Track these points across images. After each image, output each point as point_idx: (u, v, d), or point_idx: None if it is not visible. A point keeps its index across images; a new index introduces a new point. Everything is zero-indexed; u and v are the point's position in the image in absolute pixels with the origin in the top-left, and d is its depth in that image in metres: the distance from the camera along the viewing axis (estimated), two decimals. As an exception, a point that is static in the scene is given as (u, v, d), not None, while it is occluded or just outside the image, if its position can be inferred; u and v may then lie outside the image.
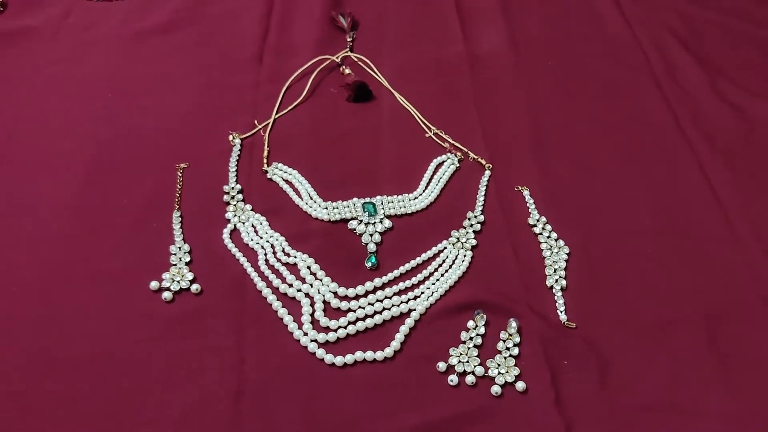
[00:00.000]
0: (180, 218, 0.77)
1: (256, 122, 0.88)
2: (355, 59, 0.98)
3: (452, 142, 0.88)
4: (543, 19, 1.08)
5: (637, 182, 0.84)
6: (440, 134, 0.88)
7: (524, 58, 1.00)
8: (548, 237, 0.78)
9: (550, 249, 0.76)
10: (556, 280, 0.74)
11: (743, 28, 1.08)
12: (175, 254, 0.73)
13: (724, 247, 0.78)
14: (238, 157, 0.84)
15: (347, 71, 0.94)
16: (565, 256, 0.76)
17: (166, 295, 0.70)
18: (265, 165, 0.83)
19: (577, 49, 1.02)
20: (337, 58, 0.96)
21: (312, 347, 0.67)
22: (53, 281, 0.71)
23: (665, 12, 1.10)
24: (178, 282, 0.71)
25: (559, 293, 0.72)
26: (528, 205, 0.81)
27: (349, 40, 1.00)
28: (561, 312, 0.71)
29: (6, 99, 0.89)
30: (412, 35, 1.03)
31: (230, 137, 0.86)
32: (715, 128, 0.91)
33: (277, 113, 0.90)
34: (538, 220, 0.79)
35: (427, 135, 0.89)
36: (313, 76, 0.94)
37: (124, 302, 0.70)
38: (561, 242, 0.77)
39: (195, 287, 0.71)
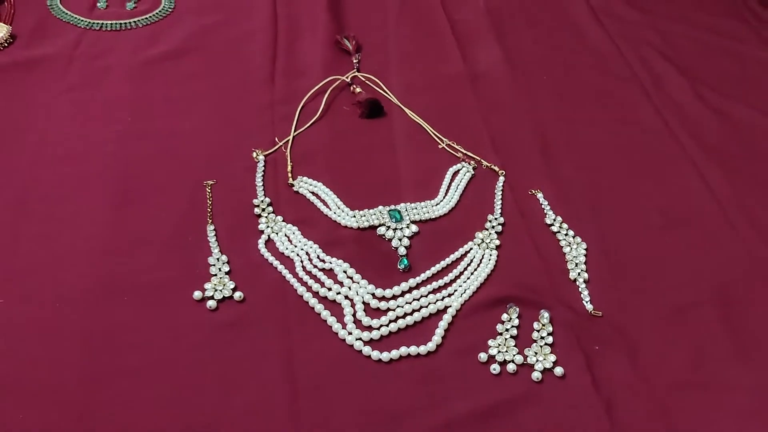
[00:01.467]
0: (214, 231, 0.79)
1: (276, 139, 0.91)
2: (363, 78, 1.02)
3: (465, 151, 0.92)
4: (532, 39, 1.15)
5: (639, 181, 0.90)
6: (452, 145, 0.93)
7: (520, 73, 1.06)
8: (566, 234, 0.82)
9: (569, 245, 0.81)
10: (579, 273, 0.78)
11: (713, 41, 1.17)
12: (214, 265, 0.76)
13: (723, 235, 0.84)
14: (263, 173, 0.87)
15: (358, 89, 0.98)
16: (584, 251, 0.80)
17: (211, 303, 0.72)
18: (290, 179, 0.86)
19: (567, 64, 1.09)
20: (347, 78, 1.01)
21: (358, 345, 0.70)
22: (97, 296, 0.71)
23: (643, 28, 1.18)
24: (221, 291, 0.73)
25: (583, 285, 0.77)
26: (543, 206, 0.86)
27: (355, 61, 1.05)
28: (587, 302, 0.75)
29: (26, 126, 0.90)
30: (413, 56, 1.09)
31: (254, 154, 0.88)
32: (702, 130, 0.99)
33: (295, 131, 0.93)
34: (554, 220, 0.84)
35: (440, 146, 0.93)
36: (326, 95, 0.98)
37: (170, 313, 0.71)
38: (578, 238, 0.82)
39: (238, 295, 0.73)
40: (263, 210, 0.82)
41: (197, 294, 0.72)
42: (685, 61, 1.11)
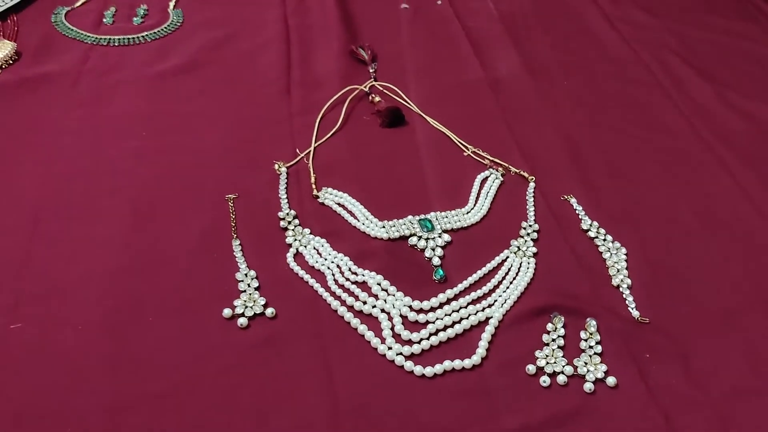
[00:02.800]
0: (240, 246, 0.76)
1: (297, 151, 0.88)
2: (381, 88, 1.00)
3: (491, 158, 0.90)
4: (549, 46, 1.13)
5: (671, 185, 0.88)
6: (478, 152, 0.90)
7: (541, 80, 1.04)
8: (604, 240, 0.79)
9: (609, 251, 0.78)
10: (622, 279, 0.75)
11: (729, 43, 1.16)
12: (242, 281, 0.72)
13: (761, 236, 0.82)
14: (286, 185, 0.84)
15: (377, 99, 0.96)
16: (624, 257, 0.78)
17: (242, 321, 0.68)
18: (315, 190, 0.83)
19: (587, 70, 1.07)
20: (365, 87, 0.98)
21: (399, 360, 0.66)
22: (121, 318, 0.68)
23: (658, 33, 1.17)
24: (251, 307, 0.69)
25: (627, 291, 0.74)
26: (577, 211, 0.83)
27: (371, 70, 1.02)
28: (632, 309, 0.72)
29: (36, 144, 0.86)
30: (430, 65, 1.07)
31: (276, 166, 0.85)
32: (729, 133, 0.97)
33: (315, 141, 0.90)
34: (591, 225, 0.81)
35: (465, 154, 0.91)
36: (345, 105, 0.95)
37: (198, 332, 0.67)
38: (617, 243, 0.79)
39: (270, 311, 0.69)
40: (289, 223, 0.79)
41: (227, 312, 0.69)
42: (705, 64, 1.10)
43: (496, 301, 0.73)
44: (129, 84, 0.97)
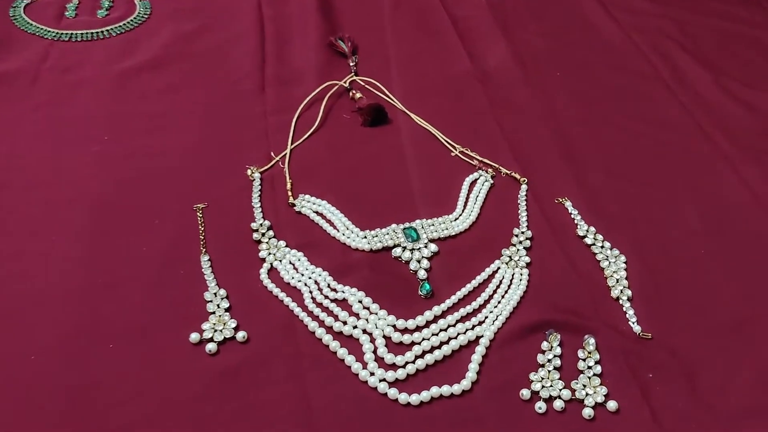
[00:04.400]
0: (209, 262, 0.70)
1: (272, 154, 0.82)
2: (362, 83, 0.93)
3: (480, 158, 0.84)
4: (540, 34, 1.07)
5: (673, 185, 0.83)
6: (466, 152, 0.85)
7: (532, 70, 0.98)
8: (602, 247, 0.74)
9: (607, 259, 0.73)
10: (621, 290, 0.70)
11: (731, 28, 1.10)
12: (211, 301, 0.66)
13: (770, 237, 0.76)
14: (260, 192, 0.78)
15: (358, 95, 0.90)
16: (624, 265, 0.72)
17: (211, 346, 0.62)
18: (291, 198, 0.77)
19: (581, 60, 1.02)
20: (344, 82, 0.92)
21: (382, 387, 0.61)
22: (77, 345, 0.62)
23: (656, 19, 1.11)
24: (221, 331, 0.64)
25: (628, 304, 0.69)
26: (573, 216, 0.77)
27: (352, 64, 0.96)
28: (633, 323, 0.67)
29: (-11, 149, 0.80)
30: (415, 57, 1.00)
31: (248, 172, 0.79)
32: (731, 125, 0.92)
33: (292, 143, 0.84)
34: (587, 231, 0.75)
35: (452, 154, 0.85)
36: (323, 103, 0.89)
37: (163, 360, 0.62)
38: (616, 251, 0.74)
39: (241, 335, 0.64)
40: (263, 235, 0.73)
41: (194, 336, 0.63)
42: (705, 51, 1.04)
43: (486, 317, 0.67)
44: (92, 83, 0.91)
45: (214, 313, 0.65)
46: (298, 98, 0.90)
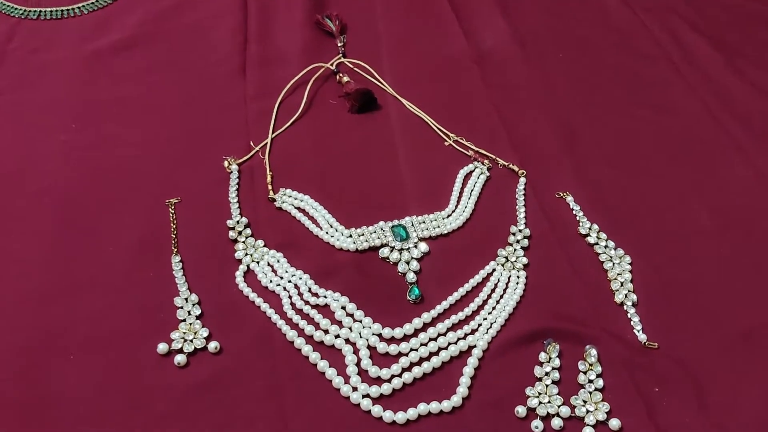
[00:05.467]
0: (181, 263, 0.65)
1: (252, 144, 0.77)
2: (351, 65, 0.87)
3: (476, 148, 0.78)
4: (542, 10, 1.00)
5: (682, 177, 0.77)
6: (461, 141, 0.79)
7: (532, 51, 0.92)
8: (605, 246, 0.69)
9: (611, 260, 0.67)
10: (626, 295, 0.65)
11: (746, 6, 1.03)
12: (182, 307, 0.61)
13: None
14: (237, 186, 0.72)
15: (345, 79, 0.83)
16: (629, 267, 0.67)
17: (179, 358, 0.58)
18: (271, 192, 0.72)
19: (585, 40, 0.95)
20: (331, 65, 0.86)
21: (366, 404, 0.56)
22: (35, 355, 0.57)
23: (666, -4, 1.03)
24: (191, 341, 0.59)
25: (632, 310, 0.64)
26: (574, 212, 0.72)
27: (339, 44, 0.90)
28: (638, 331, 0.62)
29: (-53, 139, 0.74)
30: (408, 35, 0.94)
31: (225, 163, 0.74)
32: (745, 111, 0.86)
33: (273, 132, 0.78)
34: (590, 229, 0.70)
35: (446, 143, 0.79)
36: (308, 87, 0.83)
37: (127, 374, 0.57)
38: (620, 251, 0.68)
39: (213, 345, 0.59)
40: (240, 233, 0.68)
41: (162, 347, 0.58)
42: (718, 30, 0.97)
43: (480, 325, 0.62)
44: (61, 64, 0.85)
45: (184, 320, 0.60)
46: (281, 81, 0.84)
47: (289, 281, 0.64)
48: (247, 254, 0.66)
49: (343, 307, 0.62)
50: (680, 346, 0.61)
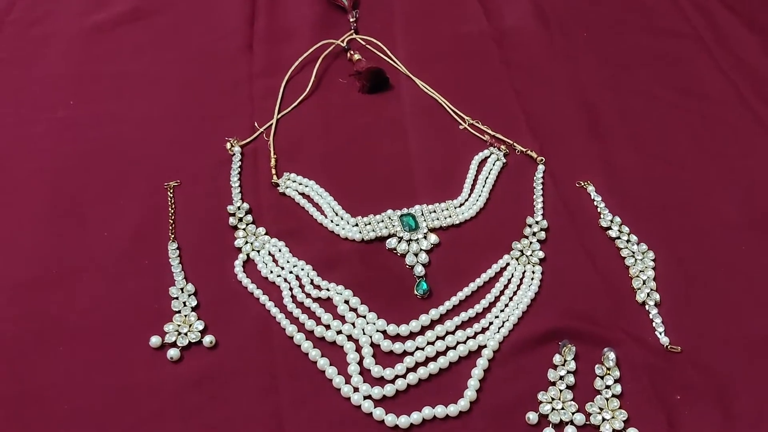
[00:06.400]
0: (178, 251, 0.62)
1: (256, 124, 0.73)
2: (363, 42, 0.83)
3: (492, 133, 0.74)
4: (565, -13, 0.94)
5: (711, 167, 0.72)
6: (477, 125, 0.75)
7: (556, 30, 0.87)
8: (627, 241, 0.65)
9: (633, 256, 0.63)
10: (648, 294, 0.61)
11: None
12: (177, 298, 0.58)
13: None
14: (240, 169, 0.69)
15: (356, 56, 0.79)
16: (652, 263, 0.63)
17: (173, 352, 0.55)
18: (275, 176, 0.68)
19: (611, 18, 0.90)
20: (342, 41, 0.82)
21: (367, 406, 0.53)
22: (23, 346, 0.55)
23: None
24: (186, 334, 0.56)
25: (655, 310, 0.60)
26: (596, 203, 0.68)
27: (352, 20, 0.86)
28: (660, 333, 0.58)
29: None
30: (424, 11, 0.90)
31: (228, 145, 0.71)
32: (782, 98, 0.80)
33: (279, 112, 0.75)
34: (611, 221, 0.66)
35: (461, 127, 0.75)
36: (317, 65, 0.79)
37: (118, 367, 0.55)
38: (644, 246, 0.64)
39: (208, 339, 0.56)
40: (240, 220, 0.64)
41: (155, 340, 0.56)
42: (753, 10, 0.91)
43: (491, 323, 0.59)
44: (60, 38, 0.82)
45: (179, 312, 0.58)
46: (288, 59, 0.80)
47: (291, 272, 0.61)
48: (247, 242, 0.63)
49: (347, 301, 0.59)
50: (705, 350, 0.58)
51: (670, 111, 0.78)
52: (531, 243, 0.64)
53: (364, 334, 0.57)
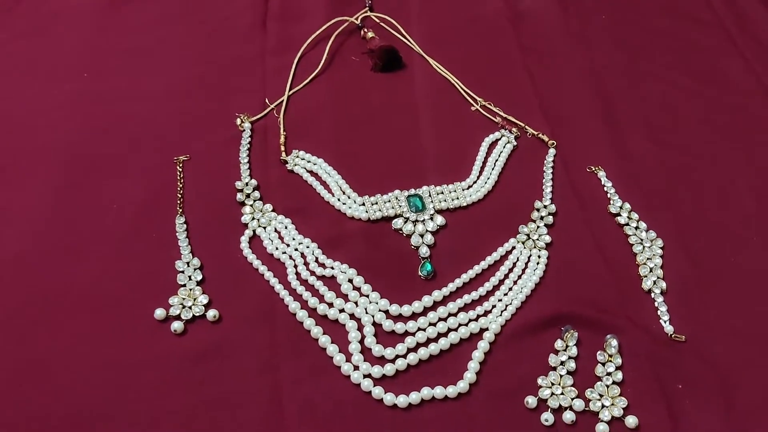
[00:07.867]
0: (185, 225, 0.62)
1: (267, 101, 0.73)
2: (377, 20, 0.82)
3: (504, 115, 0.73)
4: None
5: (726, 156, 0.71)
6: (489, 107, 0.74)
7: (573, 12, 0.86)
8: (636, 228, 0.64)
9: (641, 243, 0.63)
10: (655, 282, 0.60)
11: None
12: (182, 272, 0.59)
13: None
14: (249, 146, 0.69)
15: (370, 34, 0.79)
16: (660, 251, 0.62)
17: (176, 325, 0.55)
18: (284, 154, 0.68)
19: (631, 2, 0.88)
20: (356, 19, 0.81)
21: (366, 385, 0.53)
22: (27, 318, 0.56)
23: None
24: (190, 308, 0.57)
25: (660, 298, 0.59)
26: (606, 189, 0.67)
27: (367, -3, 0.85)
28: (665, 322, 0.58)
29: (-45, 84, 0.73)
30: (440, -9, 0.88)
31: (238, 121, 0.70)
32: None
33: (290, 89, 0.74)
34: (621, 208, 0.65)
35: (473, 108, 0.74)
36: (330, 42, 0.79)
37: (122, 339, 0.55)
38: (652, 233, 0.63)
39: (211, 313, 0.56)
40: (248, 196, 0.65)
41: (159, 313, 0.56)
42: (779, -5, 0.89)
43: (494, 307, 0.59)
44: (74, 12, 0.83)
45: (184, 286, 0.58)
46: (302, 36, 0.80)
47: (296, 249, 0.61)
48: (254, 219, 0.63)
49: (350, 280, 0.59)
50: (710, 341, 0.57)
51: (688, 98, 0.76)
52: (538, 227, 0.64)
53: (366, 313, 0.57)
